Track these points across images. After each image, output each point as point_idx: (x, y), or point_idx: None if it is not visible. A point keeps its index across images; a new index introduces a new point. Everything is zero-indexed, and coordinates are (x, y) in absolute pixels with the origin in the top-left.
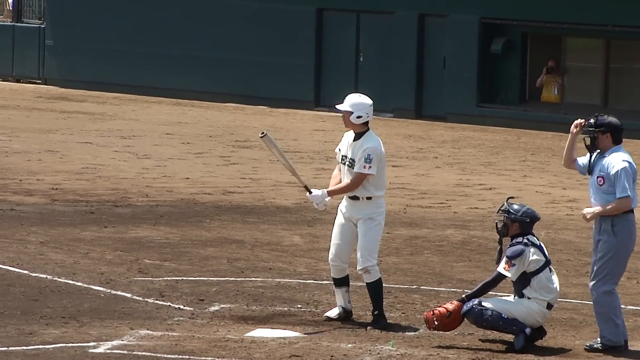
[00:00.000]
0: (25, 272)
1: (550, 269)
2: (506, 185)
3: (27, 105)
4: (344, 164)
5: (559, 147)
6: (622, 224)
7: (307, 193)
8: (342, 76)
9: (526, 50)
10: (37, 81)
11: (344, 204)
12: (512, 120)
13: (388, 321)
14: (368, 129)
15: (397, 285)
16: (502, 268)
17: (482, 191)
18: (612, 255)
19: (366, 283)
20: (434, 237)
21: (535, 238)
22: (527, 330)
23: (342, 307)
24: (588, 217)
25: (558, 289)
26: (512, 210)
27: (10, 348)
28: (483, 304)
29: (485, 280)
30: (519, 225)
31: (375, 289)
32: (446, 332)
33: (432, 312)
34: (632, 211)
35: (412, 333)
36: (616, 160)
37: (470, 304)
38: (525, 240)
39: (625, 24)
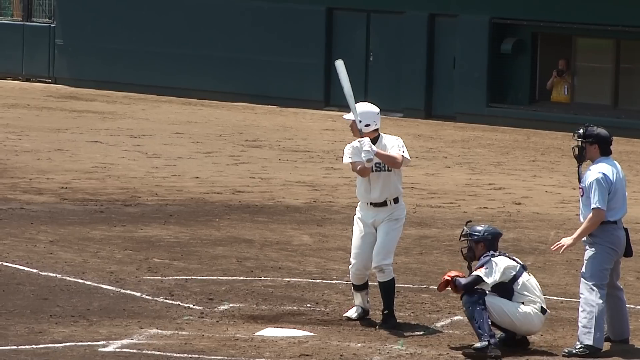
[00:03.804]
0: (35, 271)
1: (528, 274)
2: (516, 185)
3: (37, 104)
4: (373, 170)
5: (569, 147)
6: (602, 235)
7: (360, 135)
8: (352, 76)
9: (536, 50)
10: (47, 80)
11: (365, 212)
12: (522, 120)
13: (397, 321)
14: (379, 133)
15: (406, 285)
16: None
17: (491, 191)
18: (591, 259)
19: (379, 282)
20: (443, 236)
21: (502, 253)
22: (493, 341)
23: (362, 308)
24: (569, 243)
25: (541, 295)
26: (474, 232)
27: (20, 347)
28: (486, 299)
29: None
30: (484, 244)
31: (388, 289)
32: (456, 331)
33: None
34: (614, 222)
35: (422, 332)
36: (592, 172)
37: (475, 295)
38: (490, 253)
39: (636, 25)
